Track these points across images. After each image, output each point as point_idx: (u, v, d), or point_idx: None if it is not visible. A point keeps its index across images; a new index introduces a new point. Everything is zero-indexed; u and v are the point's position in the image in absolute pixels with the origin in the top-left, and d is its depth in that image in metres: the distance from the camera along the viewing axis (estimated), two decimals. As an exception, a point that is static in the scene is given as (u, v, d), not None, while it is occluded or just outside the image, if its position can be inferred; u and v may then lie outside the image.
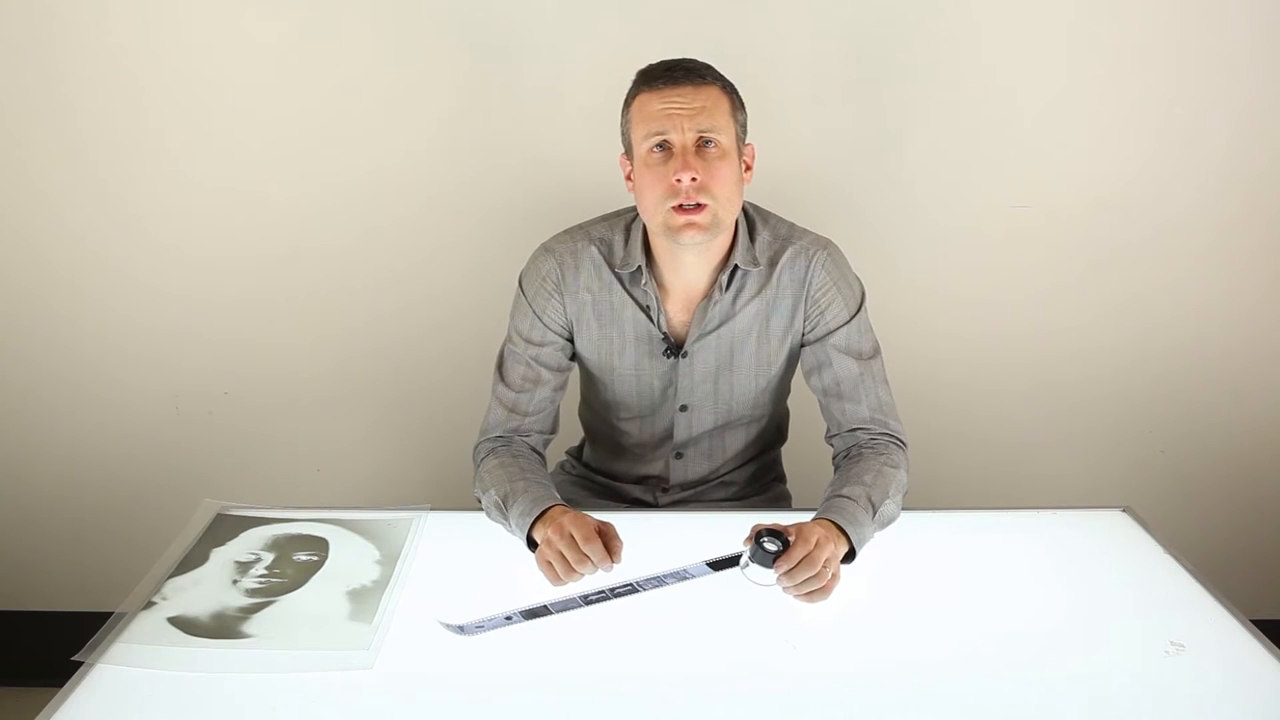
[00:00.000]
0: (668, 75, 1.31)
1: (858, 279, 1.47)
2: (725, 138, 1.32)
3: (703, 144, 1.30)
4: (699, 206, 1.30)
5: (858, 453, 1.41)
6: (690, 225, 1.31)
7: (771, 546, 1.18)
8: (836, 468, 1.44)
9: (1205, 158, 1.89)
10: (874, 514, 1.29)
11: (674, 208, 1.31)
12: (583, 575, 1.22)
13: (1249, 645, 1.15)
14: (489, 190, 1.92)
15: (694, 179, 1.29)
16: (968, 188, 1.91)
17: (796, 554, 1.18)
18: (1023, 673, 1.10)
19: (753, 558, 1.18)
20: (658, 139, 1.31)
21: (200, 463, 2.07)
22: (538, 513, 1.29)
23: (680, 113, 1.30)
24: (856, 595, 1.22)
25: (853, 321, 1.43)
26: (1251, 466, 2.07)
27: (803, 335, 1.46)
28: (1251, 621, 1.19)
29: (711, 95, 1.31)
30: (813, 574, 1.17)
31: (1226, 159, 1.89)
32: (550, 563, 1.23)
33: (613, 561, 1.21)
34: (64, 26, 1.82)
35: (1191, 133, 1.87)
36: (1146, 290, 1.97)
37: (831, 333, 1.43)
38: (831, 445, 1.48)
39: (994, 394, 2.04)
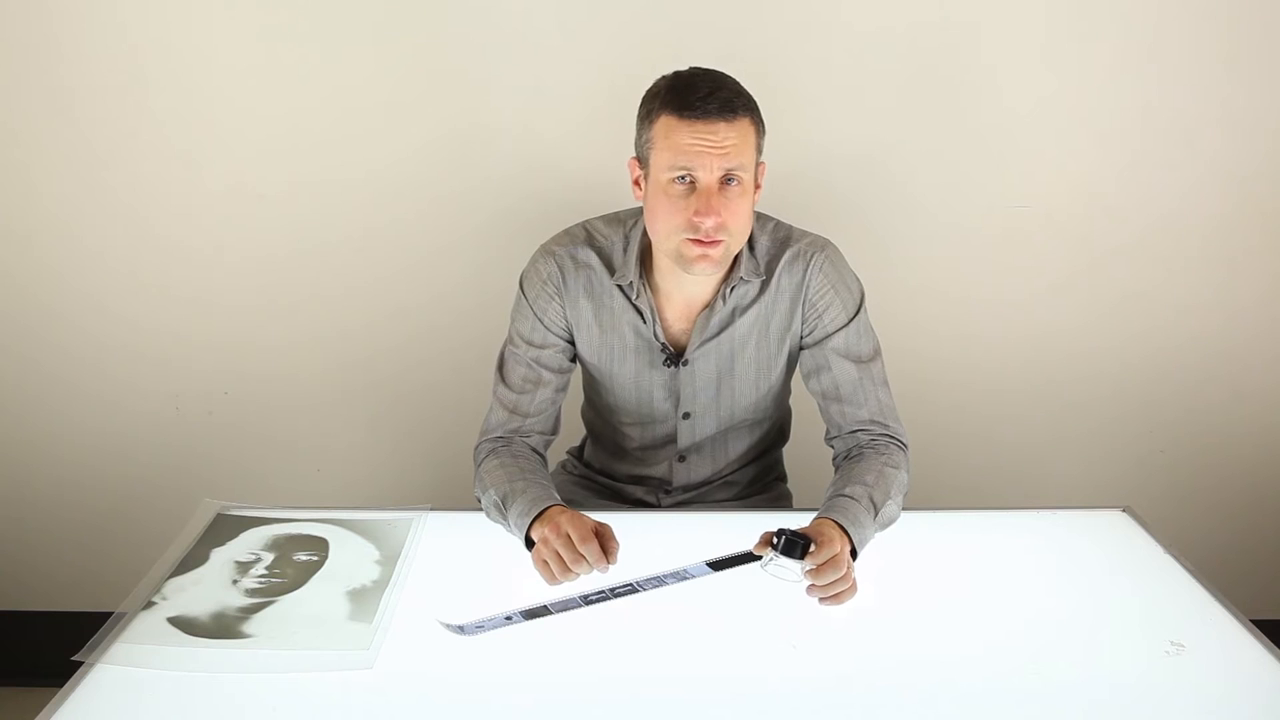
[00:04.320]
0: (702, 107, 1.24)
1: (857, 279, 1.46)
2: (748, 174, 1.28)
3: (725, 181, 1.27)
4: (715, 242, 1.29)
5: (859, 453, 1.41)
6: (704, 258, 1.30)
7: (800, 540, 1.17)
8: (837, 468, 1.44)
9: (1202, 156, 1.89)
10: (875, 514, 1.29)
11: (689, 239, 1.29)
12: (578, 575, 1.22)
13: (1249, 645, 1.15)
14: (489, 191, 1.92)
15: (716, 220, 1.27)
16: (966, 188, 1.91)
17: (825, 553, 1.17)
18: (1023, 673, 1.10)
19: (782, 550, 1.16)
20: (682, 172, 1.27)
21: (200, 463, 2.08)
22: (536, 512, 1.29)
23: (711, 151, 1.24)
24: (857, 595, 1.22)
25: (851, 324, 1.42)
26: (1251, 466, 2.07)
27: (801, 338, 1.45)
28: (1251, 621, 1.19)
29: (742, 130, 1.26)
30: (839, 575, 1.18)
31: (1223, 157, 1.89)
32: (546, 562, 1.23)
33: (608, 562, 1.21)
34: (65, 26, 1.82)
35: (1188, 131, 1.88)
36: (1145, 289, 1.97)
37: (830, 336, 1.42)
38: (832, 447, 1.48)
39: (994, 394, 2.04)
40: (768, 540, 1.17)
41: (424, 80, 1.86)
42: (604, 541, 1.22)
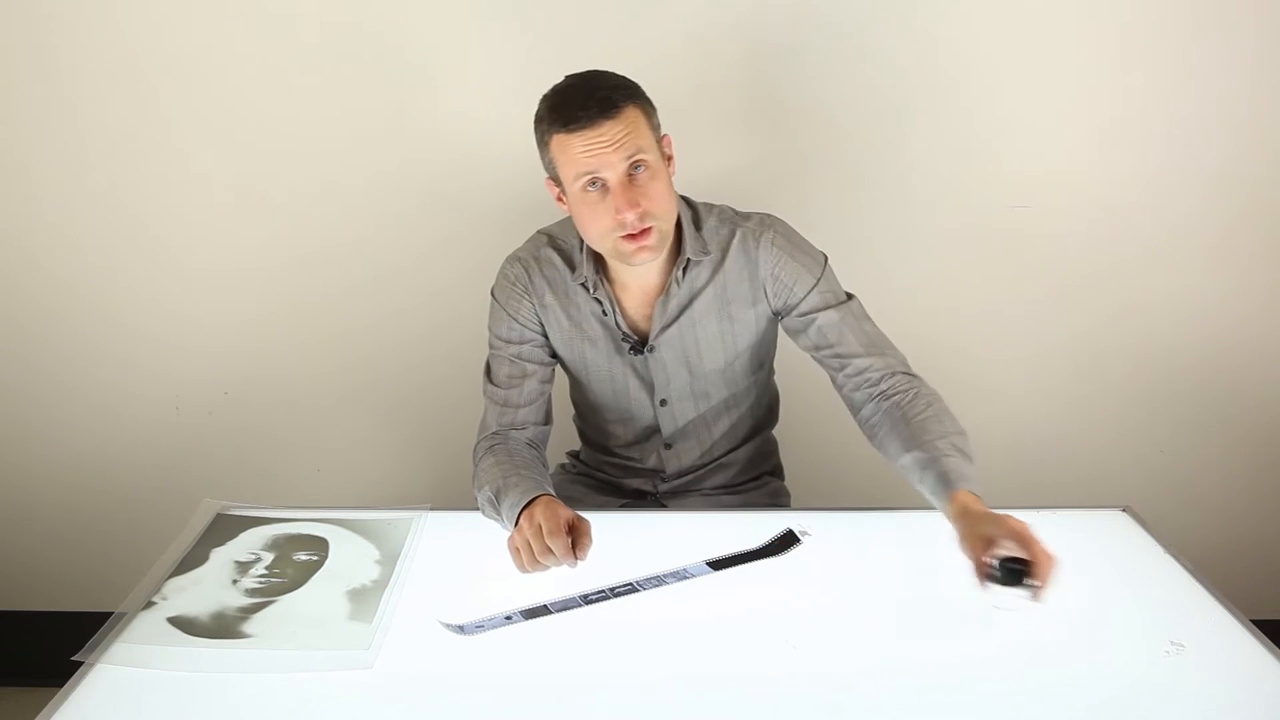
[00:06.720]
0: (583, 115, 1.28)
1: (814, 247, 1.48)
2: (651, 155, 1.31)
3: (633, 169, 1.30)
4: (646, 230, 1.32)
5: (896, 411, 1.37)
6: (642, 249, 1.33)
7: (1015, 566, 1.13)
8: (874, 428, 1.40)
9: (1205, 159, 1.88)
10: (971, 459, 1.30)
11: (621, 236, 1.32)
12: (548, 567, 1.22)
13: (1249, 645, 1.15)
14: (489, 192, 1.92)
15: (636, 211, 1.30)
16: (966, 188, 1.91)
17: (1041, 553, 1.13)
18: (1023, 673, 1.10)
19: (1004, 582, 1.13)
20: (589, 179, 1.30)
21: (200, 463, 2.08)
22: (524, 503, 1.29)
23: (606, 150, 1.28)
24: (857, 595, 1.22)
25: (820, 281, 1.44)
26: (1251, 466, 2.07)
27: (775, 314, 1.47)
28: (1251, 621, 1.18)
29: (629, 120, 1.29)
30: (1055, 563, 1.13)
31: (1226, 160, 1.88)
32: (519, 550, 1.24)
33: (576, 558, 1.20)
34: (67, 29, 1.82)
35: (1191, 134, 1.87)
36: (1146, 290, 1.97)
37: (802, 300, 1.44)
38: (844, 398, 1.46)
39: (994, 394, 2.04)
40: (987, 574, 1.13)
41: (423, 82, 1.85)
42: (576, 537, 1.22)
